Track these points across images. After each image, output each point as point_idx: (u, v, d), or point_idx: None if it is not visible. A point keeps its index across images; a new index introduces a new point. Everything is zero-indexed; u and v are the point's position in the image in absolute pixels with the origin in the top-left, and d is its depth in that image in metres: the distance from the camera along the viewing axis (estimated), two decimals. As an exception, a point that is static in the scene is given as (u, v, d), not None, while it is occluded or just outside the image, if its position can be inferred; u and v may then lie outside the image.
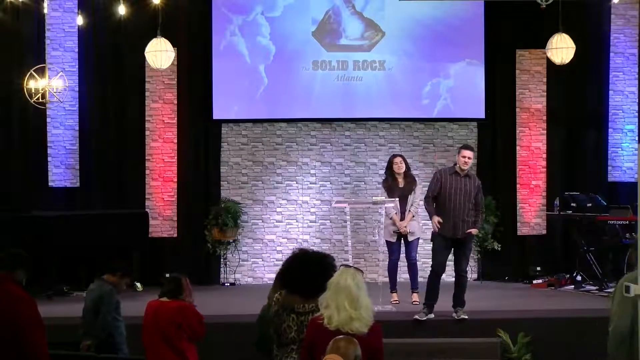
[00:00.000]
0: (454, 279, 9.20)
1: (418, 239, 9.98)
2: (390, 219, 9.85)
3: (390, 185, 9.98)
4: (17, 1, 11.10)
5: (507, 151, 12.29)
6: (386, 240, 9.97)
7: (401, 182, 9.94)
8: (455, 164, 9.04)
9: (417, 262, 10.08)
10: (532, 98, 12.24)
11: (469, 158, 8.93)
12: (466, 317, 8.86)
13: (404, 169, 9.97)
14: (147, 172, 12.00)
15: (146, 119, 12.00)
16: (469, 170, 9.07)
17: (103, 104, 12.04)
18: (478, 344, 8.28)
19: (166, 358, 6.35)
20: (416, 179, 10.26)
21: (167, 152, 12.02)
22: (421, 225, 10.29)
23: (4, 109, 11.82)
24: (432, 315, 8.92)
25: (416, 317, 8.86)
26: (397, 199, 9.76)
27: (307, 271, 4.95)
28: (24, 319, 5.64)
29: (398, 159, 10.04)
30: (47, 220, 10.88)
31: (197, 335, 6.46)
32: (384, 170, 12.00)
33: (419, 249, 10.14)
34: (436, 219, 8.89)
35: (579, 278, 11.24)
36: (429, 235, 9.50)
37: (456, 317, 8.87)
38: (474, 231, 8.97)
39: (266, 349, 5.52)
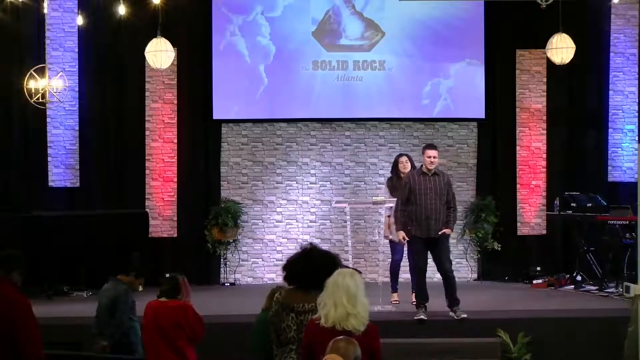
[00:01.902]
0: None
1: None
2: (390, 217, 9.81)
3: (394, 184, 9.94)
4: (17, 1, 11.11)
5: (507, 151, 12.29)
6: (390, 240, 9.94)
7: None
8: (422, 165, 9.07)
9: None
10: (532, 98, 12.25)
11: (434, 157, 8.95)
12: (465, 315, 8.82)
13: (409, 168, 9.92)
14: (147, 172, 12.01)
15: (146, 119, 12.01)
16: (437, 169, 9.07)
17: (103, 104, 12.05)
18: (478, 344, 8.28)
19: (166, 358, 6.35)
20: None
21: (167, 152, 12.03)
22: None
23: (4, 109, 11.83)
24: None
25: (421, 316, 8.83)
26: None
27: (310, 262, 5.00)
28: (20, 321, 5.66)
29: (404, 159, 10.01)
30: (47, 220, 10.89)
31: (196, 336, 6.44)
32: (384, 170, 12.05)
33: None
34: (401, 234, 8.93)
35: (579, 278, 11.23)
36: None
37: (456, 317, 8.84)
38: (447, 231, 8.94)
39: (262, 353, 5.53)
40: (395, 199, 9.65)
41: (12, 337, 5.66)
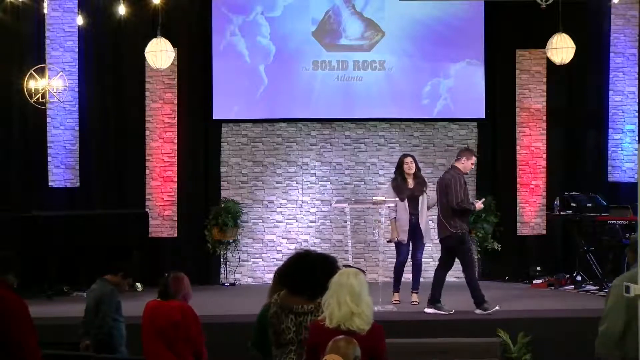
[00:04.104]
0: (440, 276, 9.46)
1: (425, 243, 9.95)
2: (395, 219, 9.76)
3: (399, 185, 9.86)
4: (17, 1, 11.10)
5: (507, 151, 12.29)
6: (396, 242, 9.84)
7: (411, 183, 9.85)
8: (455, 166, 9.35)
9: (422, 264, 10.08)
10: (532, 98, 12.25)
11: None
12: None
13: (414, 169, 9.88)
14: (147, 172, 12.01)
15: (146, 119, 12.01)
16: None
17: (103, 104, 12.05)
18: (478, 344, 8.27)
19: (166, 358, 6.34)
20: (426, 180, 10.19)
21: (167, 152, 12.03)
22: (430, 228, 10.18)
23: (4, 109, 11.81)
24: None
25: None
26: (405, 199, 9.70)
27: (315, 273, 4.90)
28: (17, 323, 5.67)
29: (409, 159, 9.95)
30: (47, 220, 10.89)
31: (190, 337, 6.36)
32: (384, 170, 12.05)
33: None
34: (478, 204, 9.48)
35: (579, 278, 11.23)
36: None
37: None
38: None
39: (262, 348, 5.51)
40: (394, 199, 9.65)
41: (10, 337, 5.66)
